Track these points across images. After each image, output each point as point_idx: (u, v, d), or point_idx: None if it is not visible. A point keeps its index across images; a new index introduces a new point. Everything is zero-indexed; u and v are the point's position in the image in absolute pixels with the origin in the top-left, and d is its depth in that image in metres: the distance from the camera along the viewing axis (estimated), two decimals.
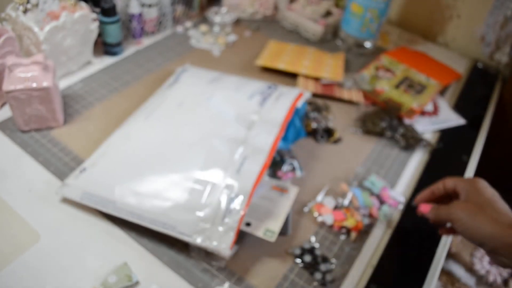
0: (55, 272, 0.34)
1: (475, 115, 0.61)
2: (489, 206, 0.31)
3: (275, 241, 0.36)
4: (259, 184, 0.37)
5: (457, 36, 0.75)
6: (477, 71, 0.72)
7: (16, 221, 0.37)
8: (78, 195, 0.38)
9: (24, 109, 0.43)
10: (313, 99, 0.57)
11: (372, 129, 0.53)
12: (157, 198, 0.36)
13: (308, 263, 0.37)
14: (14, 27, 0.50)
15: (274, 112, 0.43)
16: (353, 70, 0.65)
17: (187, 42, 0.65)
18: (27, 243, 0.35)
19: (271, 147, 0.39)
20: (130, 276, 0.34)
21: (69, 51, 0.52)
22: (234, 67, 0.61)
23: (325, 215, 0.41)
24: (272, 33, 0.71)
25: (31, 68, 0.42)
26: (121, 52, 0.59)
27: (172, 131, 0.42)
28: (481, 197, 0.32)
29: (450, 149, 0.54)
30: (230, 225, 0.34)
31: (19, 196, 0.39)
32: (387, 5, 0.63)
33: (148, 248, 0.37)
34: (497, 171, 0.33)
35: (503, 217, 0.30)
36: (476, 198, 0.32)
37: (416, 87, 0.61)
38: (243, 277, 0.36)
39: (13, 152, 0.43)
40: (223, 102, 0.45)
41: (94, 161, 0.40)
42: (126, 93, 0.53)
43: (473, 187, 0.33)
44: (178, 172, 0.38)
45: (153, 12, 0.61)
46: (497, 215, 0.30)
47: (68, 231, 0.37)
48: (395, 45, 0.74)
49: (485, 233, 0.30)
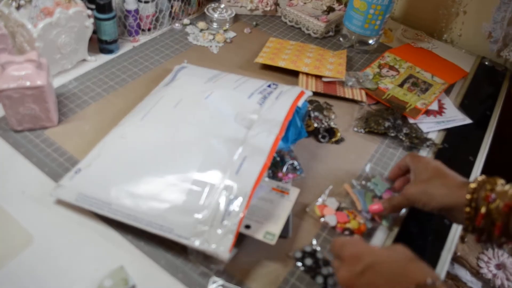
0: (49, 275, 0.33)
1: (482, 114, 0.60)
2: (436, 176, 0.35)
3: (275, 244, 0.35)
4: (259, 185, 0.36)
5: (463, 32, 0.74)
6: (484, 68, 0.70)
7: (9, 223, 0.36)
8: (73, 196, 0.37)
9: (17, 108, 0.42)
10: (314, 97, 0.56)
11: (375, 129, 0.52)
12: (154, 199, 0.36)
13: (309, 266, 0.36)
14: (6, 24, 0.49)
15: (274, 111, 0.42)
16: (356, 68, 0.64)
17: (184, 39, 0.64)
18: (20, 246, 0.35)
19: (271, 147, 0.38)
20: (127, 279, 0.33)
21: (63, 48, 0.51)
22: (233, 65, 0.60)
23: (328, 216, 0.40)
24: (272, 30, 0.70)
25: (25, 66, 0.41)
26: (117, 49, 0.59)
27: (169, 131, 0.41)
28: (427, 171, 0.36)
29: (456, 149, 0.53)
30: (229, 227, 0.34)
31: (12, 198, 0.38)
32: (391, 1, 0.61)
33: (144, 251, 0.36)
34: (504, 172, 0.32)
35: (450, 181, 0.34)
36: (424, 173, 0.36)
37: (420, 85, 0.60)
38: (243, 280, 0.35)
39: (6, 152, 0.43)
40: (222, 101, 0.44)
41: (89, 162, 0.39)
42: (122, 92, 0.52)
43: (419, 163, 0.37)
44: (176, 173, 0.37)
45: (150, 8, 0.60)
46: (445, 180, 0.34)
47: (62, 233, 0.36)
48: (399, 42, 0.72)
49: (438, 200, 0.34)
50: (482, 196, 0.31)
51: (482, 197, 0.31)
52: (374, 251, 0.30)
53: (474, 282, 0.50)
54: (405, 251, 0.29)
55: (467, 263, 0.51)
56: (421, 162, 0.37)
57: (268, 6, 0.72)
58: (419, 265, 0.28)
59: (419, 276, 0.26)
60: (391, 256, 0.29)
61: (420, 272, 0.27)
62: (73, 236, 0.36)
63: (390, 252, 0.29)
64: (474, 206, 0.31)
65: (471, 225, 0.32)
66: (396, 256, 0.29)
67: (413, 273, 0.27)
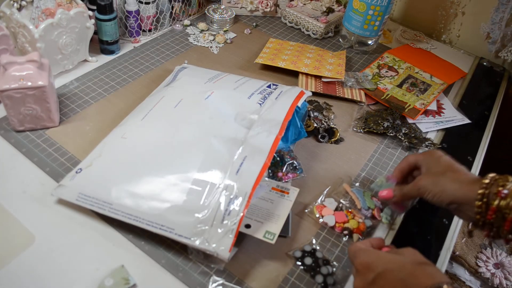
0: (50, 275, 0.33)
1: (480, 114, 0.60)
2: (448, 170, 0.35)
3: (275, 244, 0.36)
4: (259, 185, 0.36)
5: (462, 33, 0.74)
6: (482, 69, 0.70)
7: (10, 223, 0.36)
8: (74, 196, 0.37)
9: (19, 109, 0.42)
10: (314, 98, 0.56)
11: (374, 129, 0.52)
12: (154, 199, 0.36)
13: (309, 265, 0.36)
14: (8, 25, 0.49)
15: (274, 111, 0.43)
16: (355, 69, 0.64)
17: (185, 40, 0.64)
18: (21, 246, 0.35)
19: (271, 147, 0.39)
20: (127, 279, 0.33)
21: (64, 49, 0.51)
22: (233, 66, 0.60)
23: (326, 217, 0.40)
24: (272, 31, 0.70)
25: (26, 67, 0.41)
26: (118, 50, 0.59)
27: (169, 131, 0.41)
28: (440, 165, 0.36)
29: (454, 149, 0.53)
30: (229, 227, 0.34)
31: (14, 198, 0.38)
32: (390, 2, 0.62)
33: (145, 250, 0.36)
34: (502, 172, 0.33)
35: (461, 176, 0.34)
36: (436, 167, 0.36)
37: (419, 85, 0.60)
38: (243, 280, 0.35)
39: (7, 152, 0.43)
40: (222, 101, 0.44)
41: (90, 162, 0.39)
42: (123, 92, 0.53)
43: (431, 158, 0.37)
44: (176, 173, 0.37)
45: (151, 9, 0.60)
46: (457, 175, 0.34)
47: (63, 233, 0.36)
48: (398, 43, 0.73)
49: (449, 193, 0.34)
50: (494, 191, 0.31)
51: (494, 192, 0.31)
52: (383, 259, 0.30)
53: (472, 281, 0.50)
54: (415, 255, 0.30)
55: (466, 262, 0.51)
56: (433, 156, 0.37)
57: (268, 7, 0.72)
58: (428, 269, 0.28)
59: (428, 280, 0.27)
60: (400, 262, 0.29)
61: (429, 276, 0.27)
62: (74, 236, 0.36)
63: (399, 257, 0.30)
64: (486, 201, 0.31)
65: (481, 219, 0.32)
66: (405, 261, 0.29)
67: (422, 278, 0.27)
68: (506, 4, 0.65)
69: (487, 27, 0.70)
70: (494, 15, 0.68)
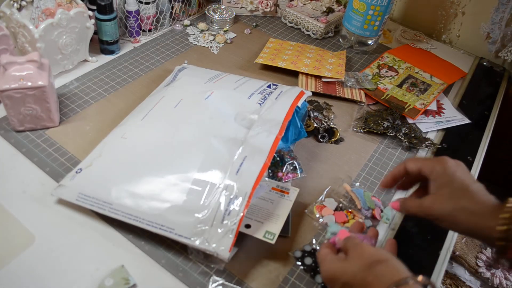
0: (50, 275, 0.33)
1: (480, 114, 0.60)
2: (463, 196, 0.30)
3: (275, 244, 0.36)
4: (259, 185, 0.36)
5: (462, 33, 0.74)
6: (482, 69, 0.70)
7: (10, 222, 0.36)
8: (74, 196, 0.37)
9: (19, 109, 0.42)
10: (314, 98, 0.56)
11: (374, 129, 0.52)
12: (154, 199, 0.36)
13: (309, 265, 0.36)
14: (8, 25, 0.49)
15: (274, 111, 0.43)
16: (355, 69, 0.64)
17: (185, 40, 0.64)
18: (21, 246, 0.35)
19: (271, 147, 0.39)
20: (127, 279, 0.33)
21: (64, 49, 0.51)
22: (233, 65, 0.60)
23: (326, 217, 0.40)
24: (272, 31, 0.70)
25: (26, 67, 0.41)
26: (118, 50, 0.59)
27: (169, 131, 0.41)
28: (454, 185, 0.31)
29: (455, 149, 0.53)
30: (229, 227, 0.34)
31: (14, 197, 0.38)
32: (390, 2, 0.62)
33: (145, 250, 0.36)
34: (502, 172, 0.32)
35: (478, 206, 0.30)
36: (449, 186, 0.31)
37: (419, 85, 0.60)
38: (242, 280, 0.35)
39: (7, 152, 0.43)
40: (222, 101, 0.44)
41: (90, 162, 0.39)
42: (123, 92, 0.53)
43: (443, 173, 0.32)
44: (176, 173, 0.37)
45: (151, 9, 0.60)
46: (473, 204, 0.30)
47: (63, 233, 0.36)
48: (398, 43, 0.73)
49: (465, 226, 0.30)
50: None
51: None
52: (341, 269, 0.29)
53: (472, 281, 0.50)
54: (362, 256, 0.28)
55: (466, 262, 0.51)
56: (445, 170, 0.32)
57: (268, 7, 0.72)
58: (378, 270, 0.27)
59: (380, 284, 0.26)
60: (351, 272, 0.28)
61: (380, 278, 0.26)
62: (74, 236, 0.36)
63: (350, 266, 0.28)
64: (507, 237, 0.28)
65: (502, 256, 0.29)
66: (354, 270, 0.28)
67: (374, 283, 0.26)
68: (506, 4, 0.65)
69: (487, 27, 0.70)
70: (494, 15, 0.68)
